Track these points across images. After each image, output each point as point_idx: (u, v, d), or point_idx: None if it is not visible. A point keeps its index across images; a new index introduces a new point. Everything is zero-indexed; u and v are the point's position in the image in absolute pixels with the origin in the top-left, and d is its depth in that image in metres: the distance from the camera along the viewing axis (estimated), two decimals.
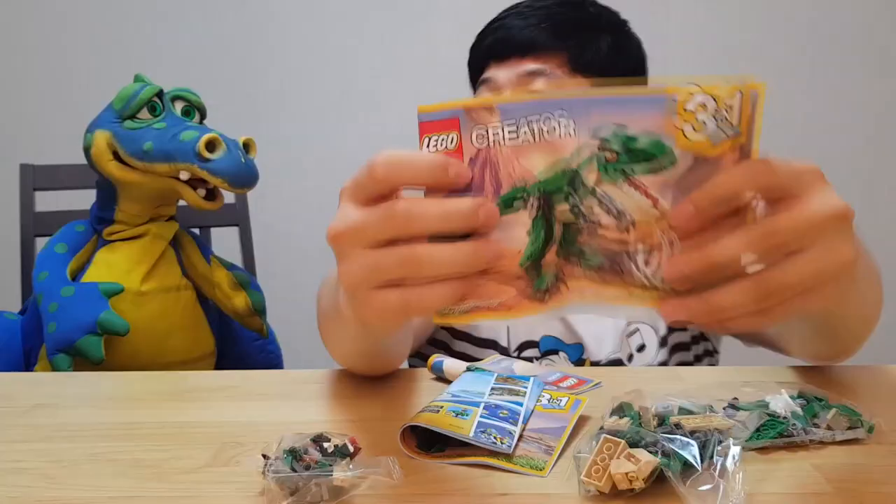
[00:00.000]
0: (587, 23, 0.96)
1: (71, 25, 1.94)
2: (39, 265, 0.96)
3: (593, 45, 0.95)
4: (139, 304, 0.94)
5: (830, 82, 1.99)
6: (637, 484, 0.45)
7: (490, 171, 0.43)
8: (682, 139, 0.42)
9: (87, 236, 1.00)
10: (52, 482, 0.51)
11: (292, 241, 1.94)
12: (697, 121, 0.41)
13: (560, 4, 0.97)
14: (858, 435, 0.54)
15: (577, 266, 0.44)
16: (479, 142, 0.43)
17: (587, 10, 0.98)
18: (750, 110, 0.41)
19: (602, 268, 0.44)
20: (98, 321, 0.87)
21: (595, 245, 0.44)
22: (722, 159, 0.42)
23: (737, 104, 0.41)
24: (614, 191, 0.43)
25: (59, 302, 0.90)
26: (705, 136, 0.41)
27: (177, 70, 1.93)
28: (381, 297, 0.43)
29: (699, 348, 1.02)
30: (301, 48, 1.95)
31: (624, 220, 0.43)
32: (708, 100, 0.41)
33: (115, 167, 0.94)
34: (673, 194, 0.42)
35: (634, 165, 0.42)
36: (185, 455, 0.55)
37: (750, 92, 0.41)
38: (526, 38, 0.94)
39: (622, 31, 0.99)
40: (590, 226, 0.44)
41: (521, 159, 0.43)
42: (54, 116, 1.95)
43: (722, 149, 0.42)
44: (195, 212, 1.05)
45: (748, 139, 0.42)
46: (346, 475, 0.46)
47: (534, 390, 0.61)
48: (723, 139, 0.42)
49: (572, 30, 0.95)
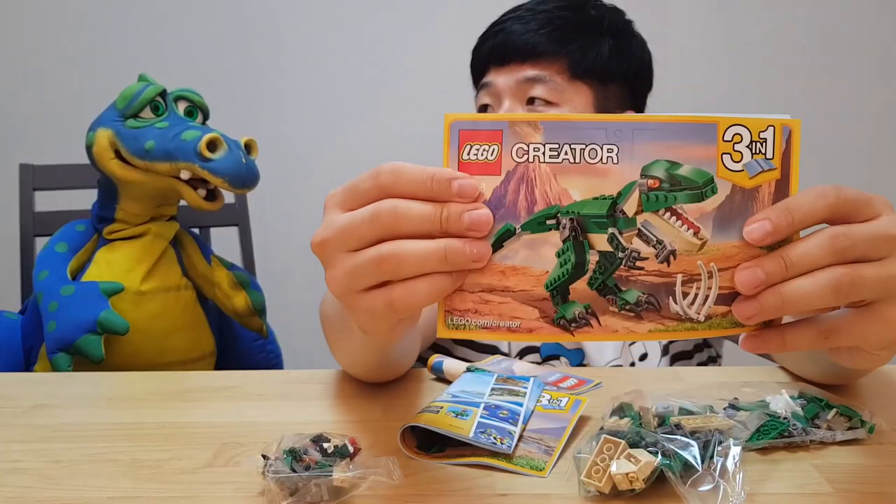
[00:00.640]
0: (588, 27, 0.95)
1: (72, 25, 1.94)
2: (40, 264, 0.96)
3: (594, 50, 0.94)
4: (139, 303, 0.94)
5: (830, 83, 1.99)
6: (637, 484, 0.45)
7: (526, 188, 0.43)
8: (721, 168, 0.42)
9: (88, 236, 1.00)
10: (51, 482, 0.51)
11: (292, 241, 1.94)
12: (735, 151, 0.42)
13: (561, 8, 0.96)
14: (859, 435, 0.54)
15: (612, 304, 0.44)
16: (519, 157, 0.43)
17: (588, 14, 0.97)
18: (783, 144, 0.43)
19: (639, 303, 0.44)
20: (98, 320, 0.87)
21: (632, 280, 0.44)
22: (758, 192, 0.43)
23: (770, 137, 0.42)
24: (655, 219, 0.43)
25: (59, 301, 0.90)
26: (742, 167, 0.42)
27: (178, 70, 1.93)
28: (368, 299, 0.43)
29: (702, 356, 1.01)
30: (302, 49, 1.95)
31: (664, 251, 0.43)
32: (743, 130, 0.42)
33: (116, 165, 0.94)
34: (713, 225, 0.43)
35: (677, 193, 0.42)
36: (184, 455, 0.55)
37: (783, 127, 0.42)
38: (526, 43, 0.94)
39: (624, 33, 0.98)
40: (629, 255, 0.43)
41: (560, 180, 0.43)
42: (54, 117, 1.95)
43: (758, 181, 0.43)
44: (195, 212, 1.05)
45: (784, 175, 0.43)
46: (346, 475, 0.46)
47: (534, 391, 0.61)
48: (759, 171, 0.43)
49: (573, 35, 0.94)
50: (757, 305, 0.40)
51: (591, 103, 0.95)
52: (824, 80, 1.99)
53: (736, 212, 0.42)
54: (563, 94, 0.93)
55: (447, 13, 1.94)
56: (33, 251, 1.29)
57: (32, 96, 1.96)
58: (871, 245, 0.40)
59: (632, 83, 0.99)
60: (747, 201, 0.42)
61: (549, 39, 0.93)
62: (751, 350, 0.43)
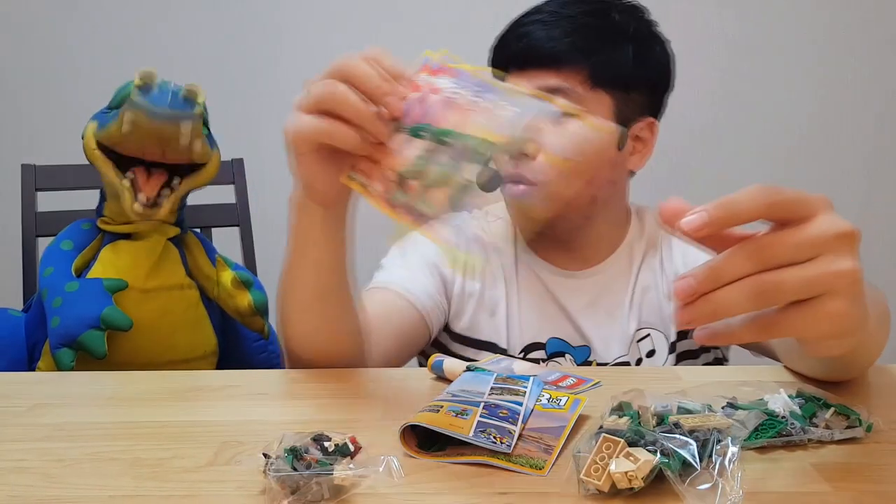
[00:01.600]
0: (612, 34, 0.93)
1: (74, 25, 1.95)
2: (45, 261, 0.96)
3: (616, 60, 0.92)
4: (142, 301, 0.94)
5: (830, 81, 1.99)
6: (636, 483, 0.45)
7: (422, 106, 0.59)
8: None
9: (93, 234, 1.00)
10: (53, 481, 0.51)
11: None
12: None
13: (586, 14, 0.93)
14: (857, 434, 0.54)
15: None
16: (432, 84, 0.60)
17: (612, 20, 0.94)
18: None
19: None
20: (101, 316, 0.88)
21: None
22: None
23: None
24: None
25: (64, 297, 0.90)
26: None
27: (179, 69, 1.93)
28: (305, 119, 0.62)
29: (708, 356, 1.02)
30: (303, 48, 1.96)
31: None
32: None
33: (97, 156, 0.93)
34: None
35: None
36: (185, 454, 0.55)
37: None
38: (549, 51, 0.91)
39: (648, 38, 0.96)
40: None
41: (444, 110, 0.58)
42: (56, 117, 1.95)
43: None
44: (196, 212, 1.05)
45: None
46: (347, 474, 0.46)
47: (533, 390, 0.61)
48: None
49: (596, 43, 0.92)
50: (693, 312, 0.44)
51: (611, 111, 0.93)
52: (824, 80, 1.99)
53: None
54: (584, 103, 0.91)
55: (448, 14, 1.94)
56: (36, 251, 1.29)
57: (35, 96, 1.96)
58: (796, 250, 0.43)
59: (653, 87, 0.98)
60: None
61: (573, 48, 0.91)
62: (704, 342, 0.46)
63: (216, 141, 0.97)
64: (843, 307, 0.43)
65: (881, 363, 0.72)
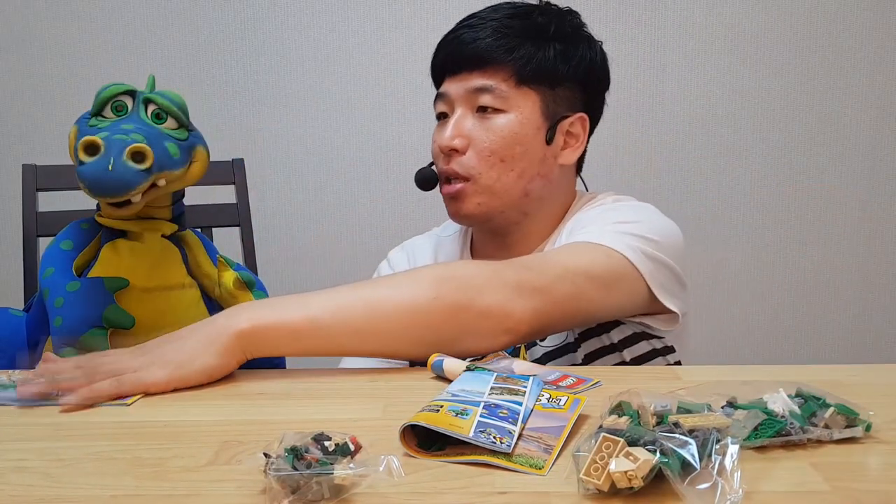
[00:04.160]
0: (534, 33, 0.99)
1: (74, 26, 1.95)
2: (45, 262, 0.96)
3: (538, 56, 0.97)
4: (143, 300, 0.94)
5: (829, 82, 1.99)
6: (636, 482, 0.45)
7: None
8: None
9: (92, 234, 1.00)
10: (54, 481, 0.51)
11: (294, 242, 1.95)
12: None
13: (509, 17, 0.99)
14: (856, 434, 0.55)
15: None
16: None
17: (535, 21, 1.00)
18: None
19: None
20: (103, 315, 0.88)
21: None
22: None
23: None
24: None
25: (65, 297, 0.90)
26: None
27: (179, 69, 1.94)
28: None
29: None
30: (303, 48, 1.96)
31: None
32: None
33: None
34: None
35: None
36: (186, 454, 0.55)
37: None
38: (474, 52, 0.98)
39: (572, 37, 1.01)
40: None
41: None
42: (57, 117, 1.96)
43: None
44: (196, 212, 1.05)
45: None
46: (347, 473, 0.46)
47: (533, 389, 0.61)
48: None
49: (519, 42, 0.97)
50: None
51: (538, 107, 0.99)
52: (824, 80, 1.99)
53: None
54: (510, 100, 0.97)
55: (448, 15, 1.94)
56: (36, 251, 1.29)
57: (35, 97, 1.97)
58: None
59: (583, 84, 1.02)
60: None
61: (496, 48, 0.97)
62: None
63: (202, 137, 0.96)
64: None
65: (880, 363, 0.72)
